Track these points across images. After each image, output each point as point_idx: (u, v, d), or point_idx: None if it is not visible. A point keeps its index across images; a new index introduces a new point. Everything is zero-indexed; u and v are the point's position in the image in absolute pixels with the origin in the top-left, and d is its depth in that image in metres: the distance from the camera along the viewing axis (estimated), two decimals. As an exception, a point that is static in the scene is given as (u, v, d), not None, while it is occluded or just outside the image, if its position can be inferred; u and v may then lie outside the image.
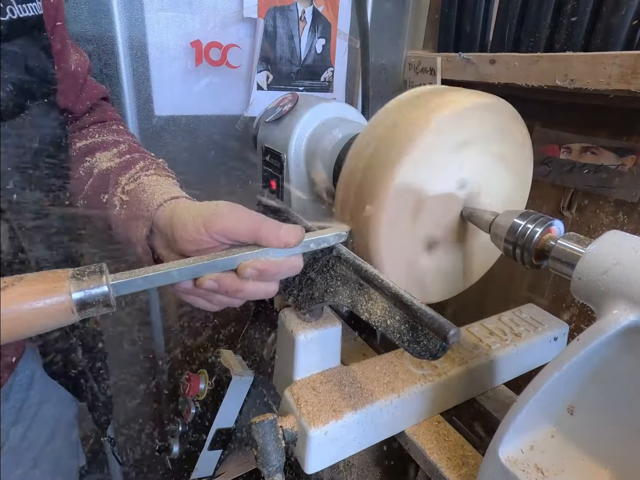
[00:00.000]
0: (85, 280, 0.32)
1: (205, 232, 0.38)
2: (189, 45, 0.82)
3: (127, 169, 0.50)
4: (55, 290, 0.31)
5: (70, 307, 0.31)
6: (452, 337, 0.33)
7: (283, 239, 0.38)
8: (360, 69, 0.94)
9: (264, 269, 0.38)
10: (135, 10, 0.77)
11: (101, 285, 0.32)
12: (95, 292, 0.32)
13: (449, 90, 0.47)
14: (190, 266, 0.37)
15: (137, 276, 0.34)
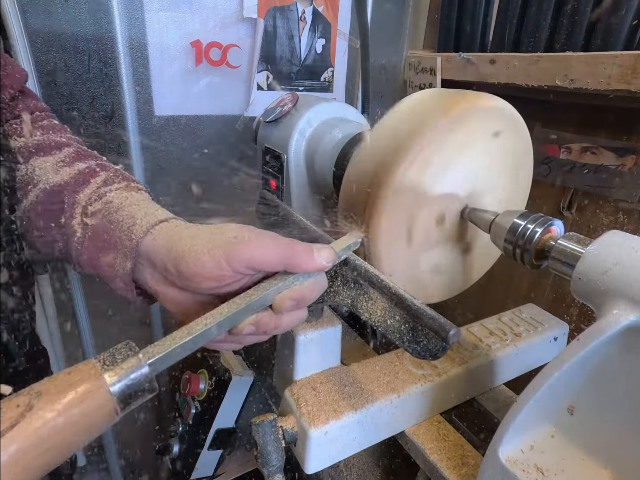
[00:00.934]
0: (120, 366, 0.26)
1: (227, 266, 0.32)
2: (189, 45, 0.82)
3: (84, 183, 0.40)
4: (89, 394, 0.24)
5: (113, 408, 0.25)
6: (452, 337, 0.33)
7: (319, 264, 0.34)
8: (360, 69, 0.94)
9: (300, 298, 0.34)
10: (135, 10, 0.77)
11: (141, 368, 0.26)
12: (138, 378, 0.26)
13: (449, 92, 0.47)
14: (227, 316, 0.32)
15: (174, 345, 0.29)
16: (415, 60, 0.99)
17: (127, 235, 0.36)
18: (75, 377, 0.24)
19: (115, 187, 0.40)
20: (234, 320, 0.32)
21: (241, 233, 0.34)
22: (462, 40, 0.92)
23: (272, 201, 0.53)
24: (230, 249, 0.32)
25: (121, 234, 0.36)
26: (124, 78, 0.79)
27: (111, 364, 0.26)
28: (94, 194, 0.39)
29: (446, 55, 0.92)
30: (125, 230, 0.36)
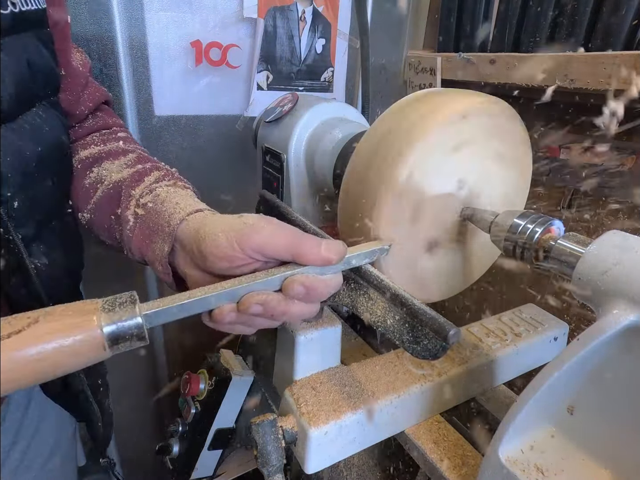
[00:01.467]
0: (117, 311, 0.29)
1: (239, 248, 0.35)
2: (189, 45, 0.82)
3: (140, 180, 0.46)
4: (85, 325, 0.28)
5: (101, 343, 0.28)
6: (452, 337, 0.33)
7: (325, 255, 0.35)
8: (360, 69, 0.94)
9: (311, 286, 0.35)
10: (135, 10, 0.77)
11: (134, 317, 0.29)
12: (129, 325, 0.29)
13: (448, 91, 0.47)
14: (228, 290, 0.33)
15: (171, 304, 0.31)
16: (415, 60, 0.99)
17: (167, 223, 0.40)
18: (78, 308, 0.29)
19: (165, 184, 0.45)
20: (234, 295, 0.34)
21: (257, 221, 0.37)
22: (462, 40, 0.92)
23: (272, 201, 0.53)
24: (243, 234, 0.35)
25: (162, 221, 0.41)
26: (124, 78, 0.79)
27: (111, 308, 0.29)
28: (146, 188, 0.45)
29: (446, 55, 0.92)
30: (166, 218, 0.40)
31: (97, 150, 0.51)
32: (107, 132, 0.55)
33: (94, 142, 0.52)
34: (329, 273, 0.37)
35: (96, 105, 0.55)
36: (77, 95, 0.52)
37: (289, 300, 0.35)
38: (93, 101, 0.54)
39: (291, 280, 0.35)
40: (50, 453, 0.63)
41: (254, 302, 0.34)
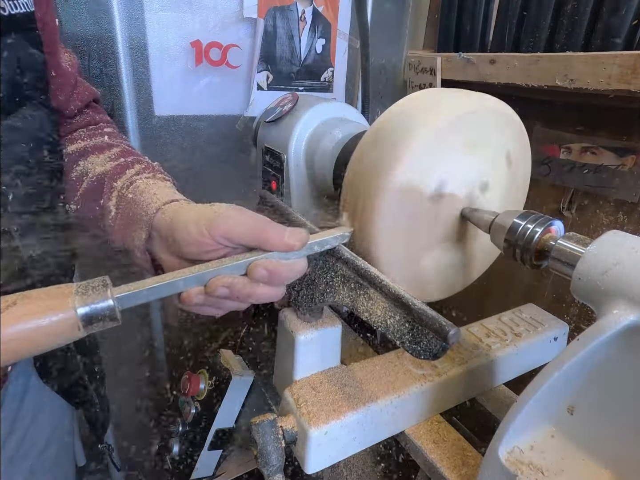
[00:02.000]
0: (90, 295, 0.31)
1: (208, 234, 0.37)
2: (189, 45, 0.82)
3: (122, 172, 0.48)
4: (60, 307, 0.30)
5: (76, 324, 0.30)
6: (452, 337, 0.33)
7: (287, 242, 0.37)
8: (360, 69, 0.94)
9: (274, 270, 0.37)
10: (135, 10, 0.77)
11: (106, 299, 0.32)
12: (101, 307, 0.31)
13: (449, 92, 0.47)
14: (195, 274, 0.36)
15: (142, 288, 0.34)
16: (415, 60, 0.99)
17: (144, 212, 0.42)
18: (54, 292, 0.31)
19: (145, 176, 0.47)
20: (202, 280, 0.36)
21: (226, 210, 0.39)
22: (462, 40, 0.92)
23: (272, 201, 0.53)
24: (213, 221, 0.37)
25: (141, 211, 0.42)
26: (124, 78, 0.80)
27: (84, 291, 0.32)
28: (127, 180, 0.47)
29: (446, 55, 0.92)
30: (144, 208, 0.42)
31: (83, 145, 0.53)
32: (93, 127, 0.57)
33: (80, 137, 0.54)
34: (292, 258, 0.39)
35: (85, 104, 0.58)
36: (67, 95, 0.54)
37: (254, 283, 0.37)
38: (82, 100, 0.57)
39: (255, 264, 0.37)
40: (47, 443, 0.63)
41: (219, 284, 0.36)
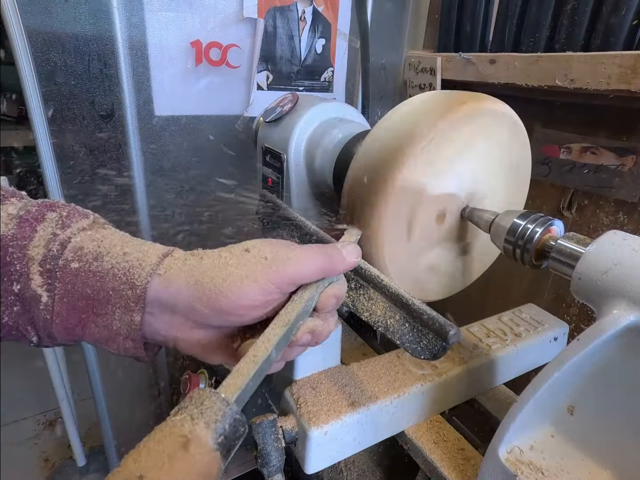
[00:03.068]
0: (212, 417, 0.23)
1: (275, 289, 0.31)
2: (189, 45, 0.82)
3: (30, 232, 0.31)
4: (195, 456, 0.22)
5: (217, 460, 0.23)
6: (452, 337, 0.33)
7: (349, 261, 0.35)
8: (360, 69, 0.94)
9: (340, 295, 0.35)
10: (135, 10, 0.77)
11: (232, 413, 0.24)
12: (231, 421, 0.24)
13: (450, 93, 0.47)
14: (281, 335, 0.30)
15: (247, 378, 0.27)
16: (415, 60, 0.99)
17: (125, 284, 0.30)
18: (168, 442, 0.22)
19: (78, 229, 0.32)
20: (288, 337, 0.31)
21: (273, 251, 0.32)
22: (462, 40, 0.92)
23: (272, 201, 0.53)
24: (272, 271, 0.30)
25: (115, 284, 0.30)
26: (124, 78, 0.79)
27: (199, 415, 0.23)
28: (50, 243, 0.30)
29: (446, 55, 0.92)
30: (120, 277, 0.30)
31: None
32: None
33: None
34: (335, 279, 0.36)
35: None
36: None
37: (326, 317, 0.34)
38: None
39: (325, 296, 0.33)
40: None
41: (302, 332, 0.32)
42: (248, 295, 0.30)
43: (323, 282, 0.34)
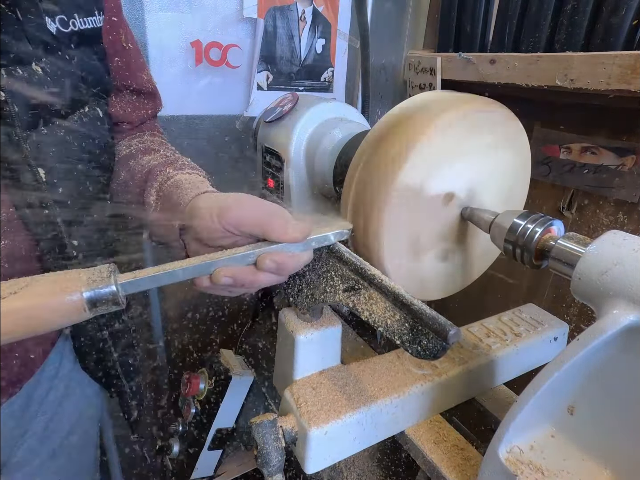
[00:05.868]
0: (96, 280, 0.34)
1: (217, 221, 0.39)
2: (189, 45, 0.82)
3: (162, 170, 0.51)
4: (68, 290, 0.33)
5: (81, 306, 0.33)
6: (452, 337, 0.33)
7: (291, 233, 0.39)
8: (360, 69, 0.94)
9: (281, 262, 0.39)
10: (135, 10, 0.77)
11: (110, 285, 0.34)
12: (105, 292, 0.34)
13: (451, 94, 0.47)
14: (195, 265, 0.38)
15: (144, 275, 0.36)
16: (415, 60, 0.99)
17: (178, 204, 0.45)
18: (63, 277, 0.34)
19: (182, 172, 0.51)
20: (203, 269, 0.38)
21: (238, 199, 0.42)
22: (462, 40, 0.92)
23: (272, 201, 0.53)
24: (222, 209, 0.40)
25: (176, 203, 0.45)
26: (124, 78, 0.79)
27: (91, 276, 0.34)
28: (166, 176, 0.50)
29: (446, 55, 0.92)
30: (179, 200, 0.45)
31: (135, 149, 0.58)
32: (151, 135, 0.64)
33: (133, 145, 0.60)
34: (296, 250, 0.40)
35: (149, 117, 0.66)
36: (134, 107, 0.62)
37: (258, 272, 0.39)
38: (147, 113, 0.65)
39: (263, 256, 0.39)
40: (70, 430, 0.65)
41: (223, 275, 0.38)
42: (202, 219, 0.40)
43: (270, 246, 0.39)
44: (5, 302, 0.31)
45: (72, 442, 0.66)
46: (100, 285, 0.34)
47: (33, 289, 0.32)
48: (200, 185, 0.48)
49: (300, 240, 0.40)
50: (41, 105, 0.44)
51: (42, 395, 0.59)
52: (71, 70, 0.47)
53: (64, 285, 0.33)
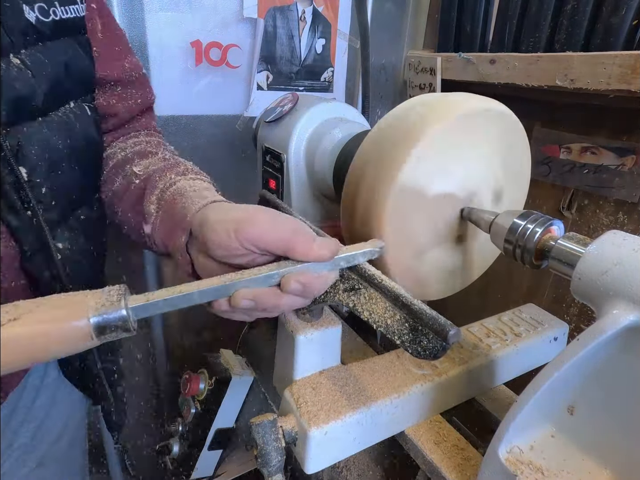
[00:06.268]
0: (105, 304, 0.31)
1: (235, 238, 0.36)
2: (189, 45, 0.82)
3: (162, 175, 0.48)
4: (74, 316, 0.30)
5: (88, 333, 0.31)
6: (452, 337, 0.33)
7: (317, 252, 0.36)
8: (360, 69, 0.94)
9: (308, 283, 0.36)
10: (135, 10, 0.77)
11: (120, 310, 0.31)
12: (114, 317, 0.31)
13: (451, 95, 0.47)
14: (210, 288, 0.35)
15: (157, 299, 0.33)
16: (415, 60, 0.99)
17: (184, 215, 0.41)
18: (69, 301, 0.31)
19: (186, 178, 0.48)
20: (221, 292, 0.35)
21: (255, 213, 0.38)
22: (462, 40, 0.92)
23: (272, 201, 0.53)
24: (239, 224, 0.36)
25: (181, 213, 0.42)
26: (124, 78, 0.79)
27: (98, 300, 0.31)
28: (168, 182, 0.47)
29: (446, 55, 0.92)
30: (184, 210, 0.42)
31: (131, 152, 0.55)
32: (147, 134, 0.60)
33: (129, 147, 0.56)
34: (324, 270, 0.37)
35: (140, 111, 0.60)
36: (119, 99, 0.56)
37: (281, 294, 0.36)
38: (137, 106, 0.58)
39: (288, 277, 0.36)
40: (58, 436, 0.65)
41: (242, 297, 0.35)
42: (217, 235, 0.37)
43: (293, 265, 0.36)
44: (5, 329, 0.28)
45: (60, 450, 0.65)
46: (110, 310, 0.31)
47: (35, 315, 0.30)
48: (207, 194, 0.44)
49: (328, 258, 0.37)
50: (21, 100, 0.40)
51: (28, 404, 0.58)
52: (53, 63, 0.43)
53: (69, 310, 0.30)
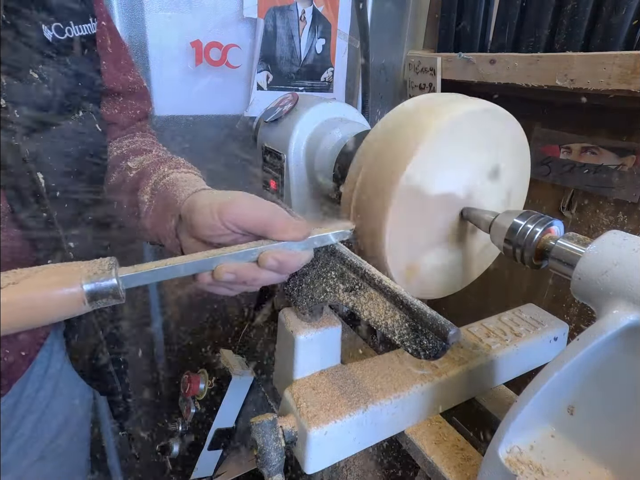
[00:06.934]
0: (97, 273, 0.34)
1: (218, 218, 0.40)
2: (189, 45, 0.82)
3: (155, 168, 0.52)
4: (68, 282, 0.33)
5: (81, 298, 0.33)
6: (452, 337, 0.33)
7: (292, 232, 0.40)
8: (360, 69, 0.94)
9: (283, 261, 0.39)
10: (135, 10, 0.77)
11: (110, 278, 0.34)
12: (105, 285, 0.34)
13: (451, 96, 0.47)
14: (197, 261, 0.38)
15: (145, 270, 0.36)
16: (415, 60, 0.99)
17: (175, 201, 0.45)
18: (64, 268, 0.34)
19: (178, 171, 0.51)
20: (204, 265, 0.38)
21: (238, 197, 0.42)
22: (462, 40, 0.92)
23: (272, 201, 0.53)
24: (222, 206, 0.40)
25: (172, 200, 0.45)
26: (124, 78, 0.79)
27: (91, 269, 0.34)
28: (161, 174, 0.50)
29: (446, 55, 0.92)
30: (175, 197, 0.45)
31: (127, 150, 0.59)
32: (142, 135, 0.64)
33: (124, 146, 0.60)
34: (298, 249, 0.41)
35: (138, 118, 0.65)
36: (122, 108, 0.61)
37: (260, 269, 0.40)
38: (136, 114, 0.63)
39: (266, 254, 0.39)
40: (58, 431, 0.65)
41: (224, 271, 0.38)
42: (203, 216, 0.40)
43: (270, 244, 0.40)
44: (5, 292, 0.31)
45: (62, 444, 0.65)
46: (101, 278, 0.34)
47: (33, 280, 0.32)
48: (197, 184, 0.48)
49: (301, 239, 0.40)
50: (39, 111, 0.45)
51: (32, 395, 0.59)
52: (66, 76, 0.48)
53: (64, 277, 0.33)
